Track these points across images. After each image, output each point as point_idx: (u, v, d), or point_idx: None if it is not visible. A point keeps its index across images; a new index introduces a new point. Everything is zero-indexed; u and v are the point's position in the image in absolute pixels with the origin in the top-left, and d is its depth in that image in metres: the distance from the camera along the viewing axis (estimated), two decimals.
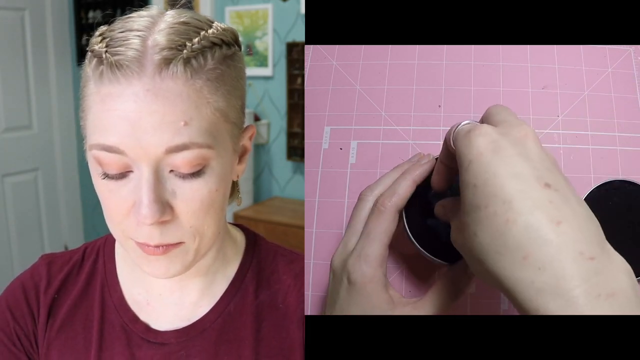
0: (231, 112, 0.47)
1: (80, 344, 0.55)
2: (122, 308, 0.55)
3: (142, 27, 0.44)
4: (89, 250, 0.60)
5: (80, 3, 2.67)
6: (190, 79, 0.43)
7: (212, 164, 0.46)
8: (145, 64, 0.42)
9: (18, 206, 2.54)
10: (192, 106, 0.43)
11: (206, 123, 0.44)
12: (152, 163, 0.43)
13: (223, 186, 0.48)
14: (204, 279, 0.56)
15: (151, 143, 0.42)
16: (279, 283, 0.56)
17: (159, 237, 0.45)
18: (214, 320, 0.54)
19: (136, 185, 0.44)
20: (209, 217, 0.47)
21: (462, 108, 0.73)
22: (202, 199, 0.45)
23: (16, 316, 0.56)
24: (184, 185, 0.45)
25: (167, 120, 0.42)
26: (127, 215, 0.45)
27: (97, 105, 0.44)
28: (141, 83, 0.42)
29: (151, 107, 0.42)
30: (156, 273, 0.48)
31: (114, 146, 0.43)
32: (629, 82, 0.73)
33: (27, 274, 0.59)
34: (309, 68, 0.78)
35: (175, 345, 0.54)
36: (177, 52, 0.43)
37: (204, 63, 0.44)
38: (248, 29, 2.34)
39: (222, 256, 0.56)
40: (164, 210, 0.44)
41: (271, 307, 0.55)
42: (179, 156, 0.43)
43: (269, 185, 2.45)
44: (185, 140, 0.43)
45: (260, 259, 0.58)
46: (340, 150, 0.73)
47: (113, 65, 0.42)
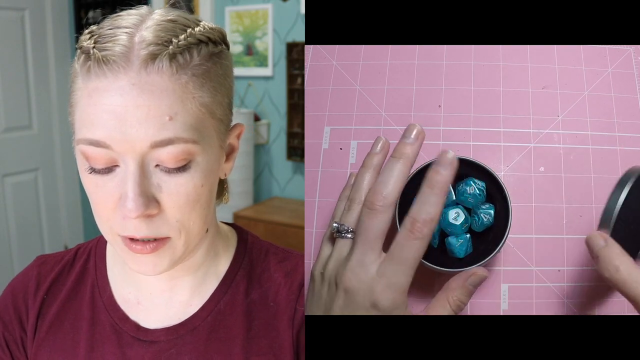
0: (217, 109, 0.48)
1: (69, 343, 0.55)
2: (112, 307, 0.55)
3: (130, 24, 0.45)
4: (82, 250, 0.60)
5: (80, 3, 2.67)
6: (175, 74, 0.44)
7: (197, 159, 0.46)
8: (132, 59, 0.43)
9: (18, 206, 2.54)
10: (178, 101, 0.44)
11: (191, 118, 0.45)
12: (137, 157, 0.44)
13: (209, 182, 0.48)
14: (194, 277, 0.56)
15: (136, 137, 0.43)
16: (270, 281, 0.56)
17: (146, 229, 0.45)
18: (204, 318, 0.54)
19: (122, 179, 0.45)
20: (194, 213, 0.47)
21: (462, 108, 0.73)
22: (187, 194, 0.46)
23: (5, 322, 0.57)
24: (170, 179, 0.45)
25: (152, 114, 0.43)
26: (113, 210, 0.46)
27: (84, 99, 0.44)
28: (127, 77, 0.43)
29: (137, 101, 0.43)
30: (144, 270, 0.48)
31: (100, 140, 0.43)
32: (629, 82, 0.73)
33: (19, 278, 0.59)
34: (309, 68, 0.78)
35: (166, 344, 0.54)
36: (163, 47, 0.44)
37: (189, 59, 0.45)
38: (248, 29, 2.34)
39: (212, 254, 0.56)
40: (149, 203, 0.45)
41: (262, 305, 0.55)
42: (164, 151, 0.44)
43: (269, 185, 2.45)
44: (170, 135, 0.44)
45: (251, 258, 0.58)
46: (340, 150, 0.73)
47: (100, 61, 0.43)
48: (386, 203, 0.53)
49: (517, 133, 0.71)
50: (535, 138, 0.71)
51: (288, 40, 2.26)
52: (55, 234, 2.75)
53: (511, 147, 0.71)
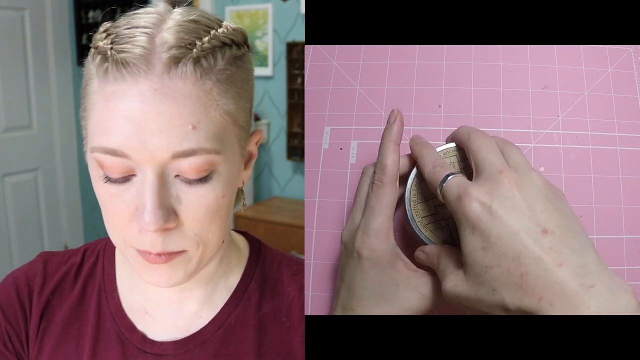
0: (240, 116, 0.46)
1: (73, 350, 0.53)
2: (118, 316, 0.53)
3: (150, 24, 0.42)
4: (89, 252, 0.57)
5: (80, 3, 2.67)
6: (199, 80, 0.41)
7: (219, 170, 0.44)
8: (154, 62, 0.40)
9: (18, 206, 2.54)
10: (201, 108, 0.41)
11: (215, 127, 0.42)
12: (157, 167, 0.41)
13: (229, 192, 0.46)
14: (205, 288, 0.53)
15: (157, 146, 0.40)
16: (283, 295, 0.54)
17: (162, 245, 0.43)
18: (214, 332, 0.52)
19: (139, 190, 0.42)
20: (214, 225, 0.45)
21: (462, 108, 0.73)
22: (208, 206, 0.44)
23: (7, 315, 0.54)
24: (190, 190, 0.43)
25: (174, 122, 0.40)
26: (129, 222, 0.43)
27: (101, 104, 0.42)
28: (149, 82, 0.40)
29: (159, 107, 0.40)
30: (158, 282, 0.46)
31: (117, 149, 0.41)
32: (629, 82, 0.73)
33: (22, 271, 0.56)
34: (309, 68, 0.78)
35: (173, 357, 0.51)
36: (186, 50, 0.41)
37: (214, 63, 0.42)
38: (248, 29, 2.34)
39: (225, 265, 0.54)
40: (169, 216, 0.42)
41: (274, 320, 0.53)
42: (185, 161, 0.41)
43: (269, 185, 2.45)
44: (192, 146, 0.41)
45: (264, 269, 0.56)
46: (340, 150, 0.73)
47: (119, 63, 0.40)
48: (387, 175, 0.55)
49: (517, 133, 0.71)
50: (535, 138, 0.71)
51: (288, 40, 2.26)
52: (55, 234, 2.76)
53: None
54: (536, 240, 0.45)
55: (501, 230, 0.46)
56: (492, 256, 0.46)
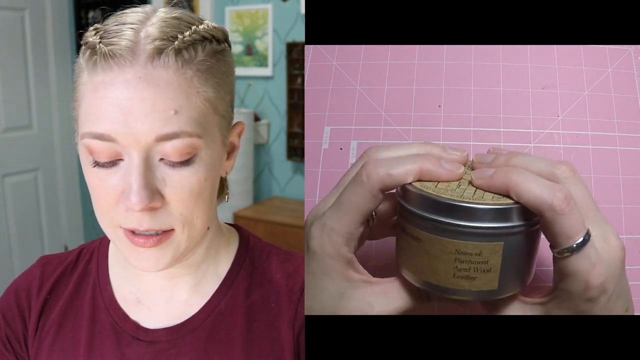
0: (220, 105, 0.48)
1: (70, 343, 0.55)
2: (112, 307, 0.55)
3: (136, 20, 0.46)
4: (85, 251, 0.60)
5: (80, 3, 2.67)
6: (181, 69, 0.45)
7: (201, 154, 0.47)
8: (138, 53, 0.44)
9: (18, 206, 2.54)
10: (183, 95, 0.44)
11: (196, 113, 0.45)
12: (142, 150, 0.44)
13: (212, 177, 0.49)
14: (194, 277, 0.56)
15: (142, 130, 0.43)
16: (271, 283, 0.56)
17: (149, 222, 0.46)
18: (204, 319, 0.54)
19: (126, 173, 0.45)
20: (197, 207, 0.48)
21: (462, 108, 0.73)
22: (191, 188, 0.46)
23: (8, 319, 0.57)
24: (174, 173, 0.46)
25: (158, 108, 0.43)
26: (116, 204, 0.46)
27: (90, 94, 0.45)
28: (133, 70, 0.43)
29: (142, 94, 0.43)
30: (145, 265, 0.48)
31: (105, 134, 0.44)
32: (629, 82, 0.73)
33: (22, 277, 0.59)
34: (309, 68, 0.78)
35: (166, 344, 0.54)
36: (168, 42, 0.45)
37: (194, 55, 0.46)
38: (248, 29, 2.34)
39: (213, 254, 0.56)
40: (154, 196, 0.45)
41: (263, 306, 0.55)
42: (169, 144, 0.44)
43: (269, 185, 2.45)
44: (175, 129, 0.44)
45: (253, 258, 0.58)
46: (340, 150, 0.73)
47: (106, 55, 0.43)
48: (382, 184, 0.47)
49: (517, 133, 0.71)
50: (535, 138, 0.71)
51: (288, 40, 2.26)
52: (55, 234, 2.76)
53: (511, 147, 0.71)
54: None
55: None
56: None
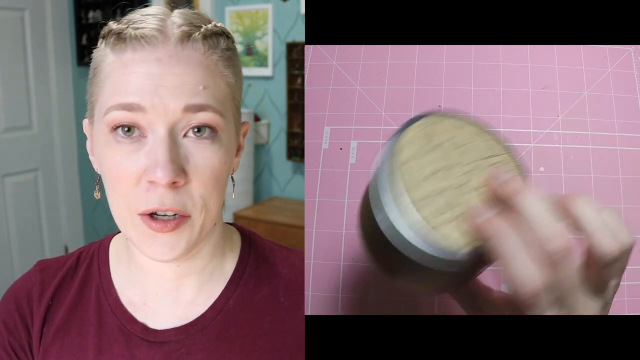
0: (237, 94, 0.51)
1: (77, 349, 0.54)
2: (118, 310, 0.55)
3: (159, 12, 0.48)
4: (84, 255, 0.59)
5: (80, 3, 2.67)
6: (207, 52, 0.48)
7: (221, 136, 0.48)
8: (168, 36, 0.46)
9: (18, 206, 2.54)
10: (209, 75, 0.47)
11: (220, 93, 0.48)
12: (169, 124, 0.45)
13: (228, 161, 0.50)
14: (200, 276, 0.56)
15: (171, 100, 0.45)
16: (278, 277, 0.57)
17: (172, 200, 0.46)
18: (213, 317, 0.54)
19: (151, 148, 0.45)
20: (215, 191, 0.49)
21: (462, 108, 0.73)
22: (212, 168, 0.48)
23: (10, 328, 0.56)
24: (197, 152, 0.47)
25: (188, 81, 0.46)
26: (136, 185, 0.46)
27: (118, 70, 0.46)
28: (165, 49, 0.46)
29: (174, 69, 0.45)
30: (160, 252, 0.48)
31: (134, 102, 0.45)
32: (629, 82, 0.73)
33: (20, 283, 0.59)
34: (309, 68, 0.78)
35: (176, 344, 0.53)
36: (195, 28, 0.47)
37: (217, 43, 0.49)
38: (248, 29, 2.34)
39: (219, 253, 0.57)
40: (180, 172, 0.45)
41: (273, 302, 0.55)
42: (195, 116, 0.46)
43: (269, 185, 2.45)
44: (203, 102, 0.46)
45: (257, 256, 0.58)
46: (340, 150, 0.73)
47: (137, 36, 0.46)
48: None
49: (517, 133, 0.71)
50: (535, 138, 0.71)
51: (288, 40, 2.26)
52: (55, 234, 2.75)
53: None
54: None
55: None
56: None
